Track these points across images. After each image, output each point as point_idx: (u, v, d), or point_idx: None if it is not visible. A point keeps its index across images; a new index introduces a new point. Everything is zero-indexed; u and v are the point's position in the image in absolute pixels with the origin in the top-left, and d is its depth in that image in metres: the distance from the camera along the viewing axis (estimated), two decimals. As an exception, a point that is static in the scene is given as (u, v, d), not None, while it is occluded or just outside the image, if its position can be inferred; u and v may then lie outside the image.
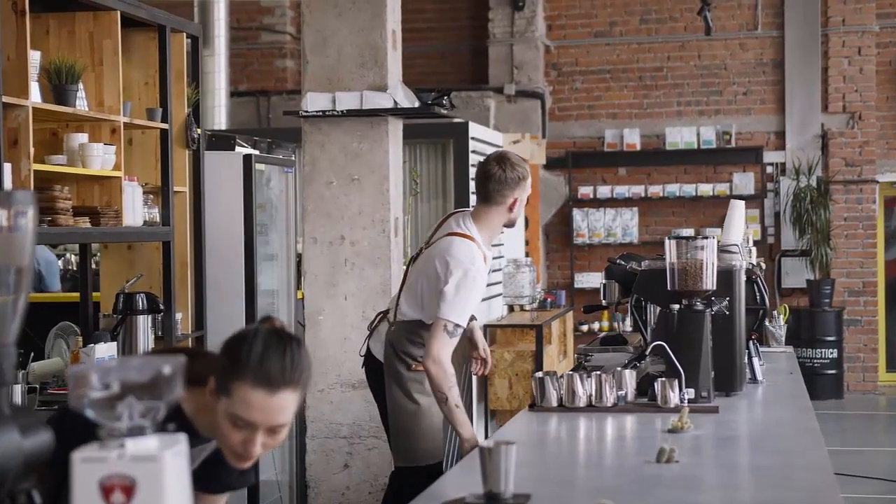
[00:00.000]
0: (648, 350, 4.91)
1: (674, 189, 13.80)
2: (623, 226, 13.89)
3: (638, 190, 13.87)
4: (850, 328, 13.60)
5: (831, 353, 13.23)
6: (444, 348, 4.81)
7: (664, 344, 4.79)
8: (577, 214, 13.97)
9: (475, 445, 4.66)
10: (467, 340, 5.41)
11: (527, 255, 13.07)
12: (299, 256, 7.09)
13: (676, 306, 4.88)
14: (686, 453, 3.73)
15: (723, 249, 5.84)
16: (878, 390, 13.69)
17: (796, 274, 13.62)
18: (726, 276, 5.08)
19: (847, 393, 13.50)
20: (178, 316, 6.24)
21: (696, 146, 13.79)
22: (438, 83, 14.11)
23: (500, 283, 10.33)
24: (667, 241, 4.97)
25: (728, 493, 3.27)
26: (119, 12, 5.63)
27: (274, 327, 2.68)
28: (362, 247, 6.45)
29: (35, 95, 5.03)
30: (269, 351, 2.57)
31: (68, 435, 2.19)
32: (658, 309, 5.05)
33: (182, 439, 2.01)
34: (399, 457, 5.11)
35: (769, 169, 13.83)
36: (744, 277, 5.23)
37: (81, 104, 5.39)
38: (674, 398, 4.61)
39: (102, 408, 1.96)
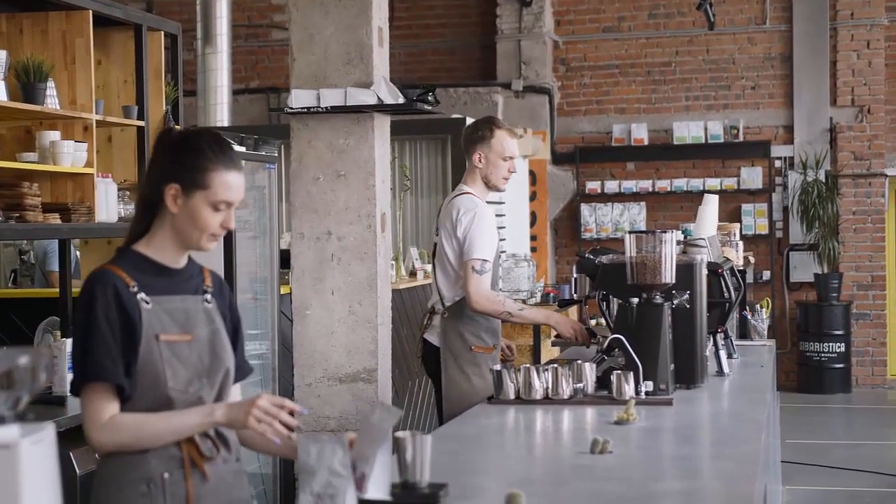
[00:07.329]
0: (605, 344, 4.96)
1: (681, 184, 13.79)
2: (631, 220, 13.88)
3: (646, 185, 13.87)
4: (858, 322, 13.58)
5: (839, 346, 13.21)
6: (478, 287, 5.45)
7: (621, 337, 4.83)
8: (585, 209, 13.98)
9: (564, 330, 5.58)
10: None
11: (533, 249, 13.13)
12: (282, 251, 7.14)
13: (635, 300, 4.92)
14: (622, 444, 3.77)
15: (690, 243, 5.90)
16: (886, 384, 13.66)
17: (804, 268, 13.60)
18: (687, 269, 5.10)
19: (856, 387, 13.48)
20: (157, 310, 6.31)
21: (703, 141, 13.78)
22: (448, 79, 14.22)
23: (499, 277, 10.36)
24: (626, 236, 5.02)
25: (644, 483, 3.30)
26: (91, 12, 5.70)
27: (197, 129, 3.26)
28: (349, 242, 6.47)
29: (0, 94, 5.10)
30: (219, 143, 3.14)
31: None
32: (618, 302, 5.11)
33: (47, 428, 2.07)
34: None
35: (777, 163, 13.80)
36: (705, 271, 5.25)
37: (52, 102, 5.46)
38: (628, 391, 4.64)
39: (-37, 397, 2.03)
